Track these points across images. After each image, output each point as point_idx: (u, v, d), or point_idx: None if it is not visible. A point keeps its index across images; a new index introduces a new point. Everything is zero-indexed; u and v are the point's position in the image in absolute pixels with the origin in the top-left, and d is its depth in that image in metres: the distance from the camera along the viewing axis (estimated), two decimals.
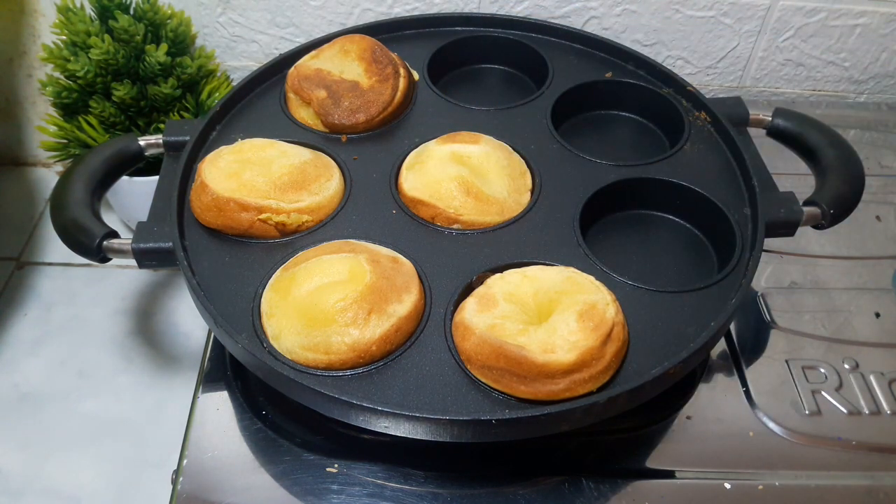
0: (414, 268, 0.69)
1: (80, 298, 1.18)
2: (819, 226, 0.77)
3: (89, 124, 1.05)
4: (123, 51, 1.02)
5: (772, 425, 0.73)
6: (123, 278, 1.21)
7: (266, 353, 0.64)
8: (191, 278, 0.68)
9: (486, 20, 0.98)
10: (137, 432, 1.04)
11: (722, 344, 0.80)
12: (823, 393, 0.76)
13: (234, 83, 1.13)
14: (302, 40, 1.12)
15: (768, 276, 0.88)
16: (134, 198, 1.13)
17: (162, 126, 0.96)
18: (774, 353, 0.80)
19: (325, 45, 0.89)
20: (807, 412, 0.75)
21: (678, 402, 0.75)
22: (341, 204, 0.77)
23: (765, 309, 0.84)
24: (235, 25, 1.13)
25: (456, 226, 0.74)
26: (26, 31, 1.18)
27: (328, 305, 0.64)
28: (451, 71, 0.97)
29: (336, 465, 0.69)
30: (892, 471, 0.71)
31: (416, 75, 0.92)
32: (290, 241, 0.73)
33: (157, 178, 0.80)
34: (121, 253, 0.72)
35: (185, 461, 0.69)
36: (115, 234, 0.72)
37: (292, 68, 0.88)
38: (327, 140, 0.83)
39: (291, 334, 0.64)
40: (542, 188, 0.79)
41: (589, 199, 0.77)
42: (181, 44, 1.08)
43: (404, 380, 0.63)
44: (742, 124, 0.86)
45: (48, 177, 1.36)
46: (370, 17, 1.10)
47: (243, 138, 0.80)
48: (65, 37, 1.03)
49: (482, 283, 0.68)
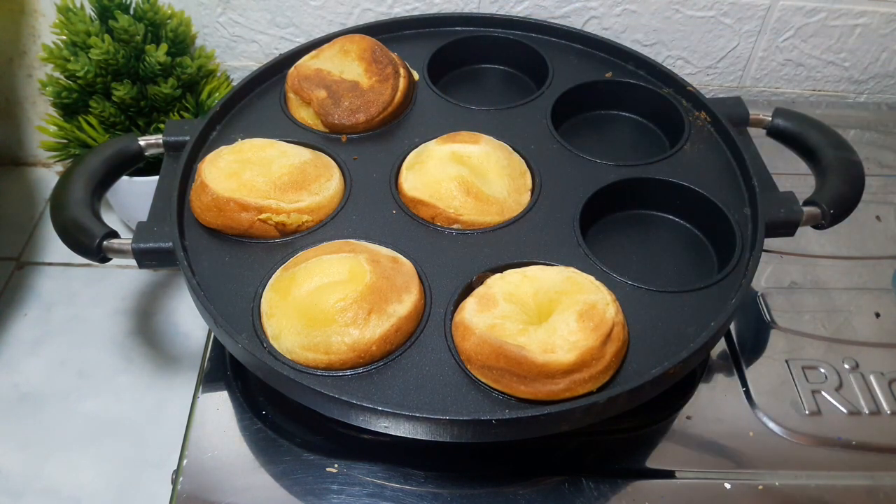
0: (414, 268, 0.69)
1: (80, 298, 1.18)
2: (819, 226, 0.77)
3: (89, 124, 1.05)
4: (123, 51, 1.02)
5: (772, 425, 0.73)
6: (123, 278, 1.21)
7: (266, 353, 0.64)
8: (191, 278, 0.68)
9: (485, 20, 0.98)
10: (137, 432, 1.04)
11: (722, 344, 0.80)
12: (823, 393, 0.76)
13: (234, 83, 1.13)
14: (302, 40, 1.12)
15: (768, 276, 0.88)
16: (134, 198, 1.13)
17: (162, 126, 0.96)
18: (774, 353, 0.80)
19: (325, 45, 0.89)
20: (807, 412, 0.75)
21: (678, 402, 0.75)
22: (341, 204, 0.77)
23: (765, 309, 0.84)
24: (235, 25, 1.13)
25: (456, 226, 0.74)
26: (26, 31, 1.18)
27: (328, 305, 0.64)
28: (451, 71, 0.97)
29: (336, 465, 0.69)
30: (892, 471, 0.71)
31: (416, 75, 0.91)
32: (290, 241, 0.73)
33: (157, 178, 0.80)
34: (121, 253, 0.72)
35: (185, 461, 0.69)
36: (115, 234, 0.72)
37: (292, 68, 0.88)
38: (327, 140, 0.83)
39: (291, 334, 0.64)
40: (542, 188, 0.79)
41: (589, 199, 0.77)
42: (181, 44, 1.08)
43: (404, 380, 0.63)
44: (742, 124, 0.86)
45: (48, 177, 1.36)
46: (370, 17, 1.10)
47: (243, 138, 0.80)
48: (65, 37, 1.03)
49: (482, 283, 0.68)
